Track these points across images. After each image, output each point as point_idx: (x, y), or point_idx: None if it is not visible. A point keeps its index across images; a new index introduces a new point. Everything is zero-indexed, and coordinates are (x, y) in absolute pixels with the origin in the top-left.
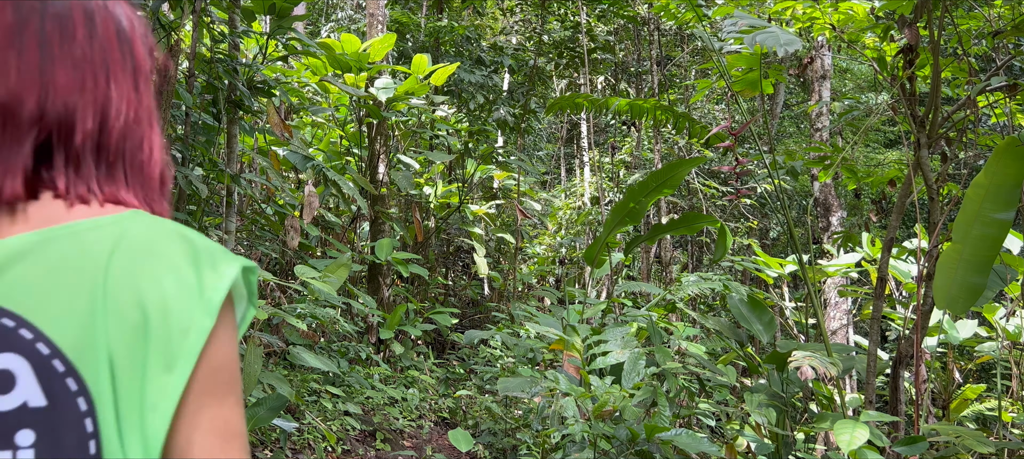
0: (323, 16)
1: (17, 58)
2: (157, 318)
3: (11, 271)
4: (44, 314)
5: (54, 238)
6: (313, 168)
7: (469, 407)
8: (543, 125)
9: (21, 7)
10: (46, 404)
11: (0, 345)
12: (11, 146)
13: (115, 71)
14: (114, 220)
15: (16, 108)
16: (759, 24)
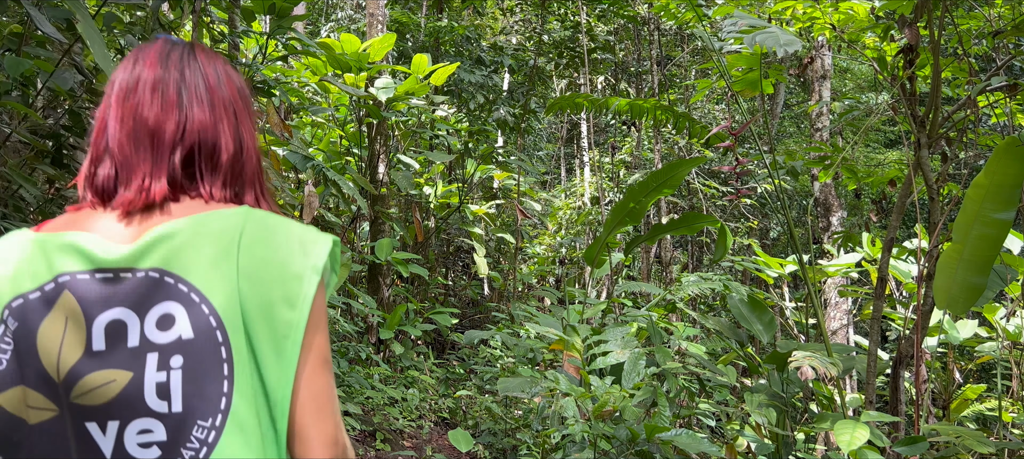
0: (323, 16)
1: (161, 98)
2: (277, 272)
3: (168, 243)
4: (194, 273)
5: (199, 221)
6: (313, 168)
7: (469, 407)
8: (543, 125)
9: (167, 64)
10: (193, 336)
11: (164, 296)
12: (158, 159)
13: (242, 115)
14: (241, 210)
15: (159, 132)
16: (759, 24)
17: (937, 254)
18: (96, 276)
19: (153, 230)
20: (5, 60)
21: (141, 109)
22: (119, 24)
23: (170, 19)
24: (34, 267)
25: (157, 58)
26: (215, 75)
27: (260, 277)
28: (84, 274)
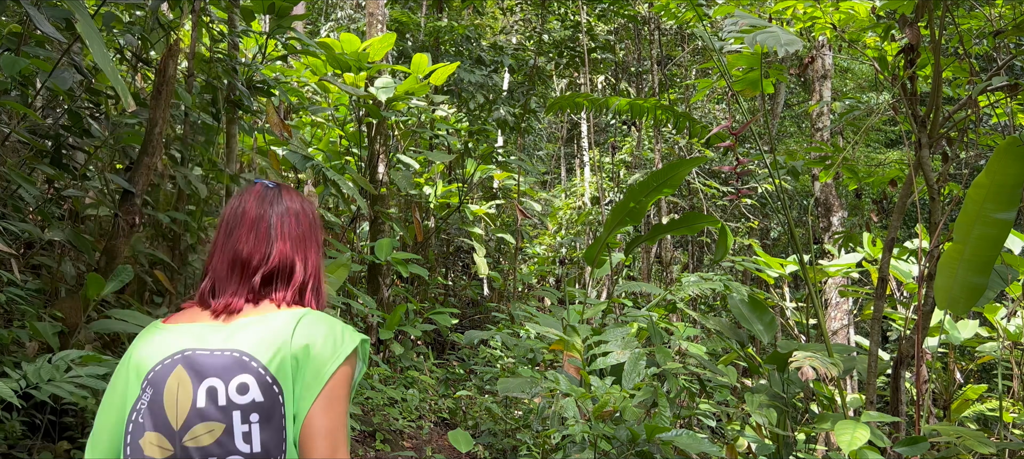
0: (323, 16)
1: (253, 236)
2: (314, 355)
3: (247, 331)
4: (262, 352)
5: (270, 318)
6: (313, 168)
7: (469, 407)
8: (543, 125)
9: (262, 207)
10: (263, 399)
11: (242, 370)
12: (243, 282)
13: (311, 244)
14: (300, 311)
15: (248, 261)
16: (760, 24)
17: (938, 254)
18: (198, 353)
19: (238, 323)
20: (3, 59)
21: (238, 244)
22: (118, 24)
23: (169, 19)
24: (163, 347)
25: (255, 201)
26: (296, 213)
27: (305, 356)
28: (191, 353)
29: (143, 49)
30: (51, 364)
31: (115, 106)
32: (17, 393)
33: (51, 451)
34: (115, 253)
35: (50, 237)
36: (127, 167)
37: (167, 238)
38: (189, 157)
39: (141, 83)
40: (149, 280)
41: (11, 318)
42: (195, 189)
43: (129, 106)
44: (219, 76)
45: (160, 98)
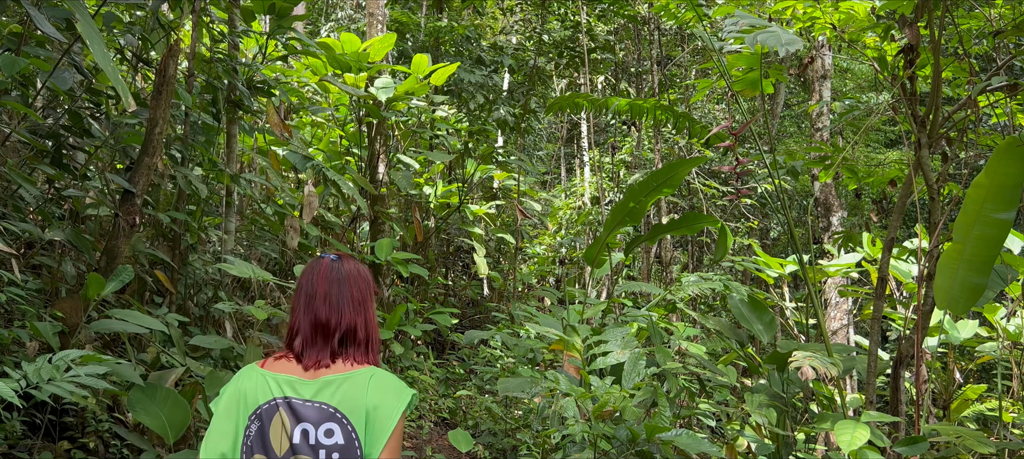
0: (323, 16)
1: (327, 306)
2: (383, 411)
3: (330, 388)
4: (344, 406)
5: (348, 376)
6: (313, 168)
7: (469, 407)
8: (543, 125)
9: (330, 280)
10: (343, 443)
11: (329, 419)
12: (324, 344)
13: (368, 304)
14: (370, 370)
15: (327, 325)
16: (760, 23)
17: (937, 254)
18: (295, 401)
19: (323, 379)
20: (2, 59)
21: (318, 312)
22: (119, 24)
23: (170, 19)
24: (267, 390)
25: (324, 275)
26: (354, 281)
27: (376, 410)
28: (290, 400)
29: (143, 49)
30: (51, 364)
31: (115, 106)
32: (18, 393)
33: (51, 451)
34: (115, 253)
35: (50, 237)
36: (127, 167)
37: (167, 238)
38: (189, 157)
39: (141, 83)
40: (149, 280)
41: (11, 318)
42: (195, 189)
43: (129, 106)
44: (219, 76)
45: (160, 98)
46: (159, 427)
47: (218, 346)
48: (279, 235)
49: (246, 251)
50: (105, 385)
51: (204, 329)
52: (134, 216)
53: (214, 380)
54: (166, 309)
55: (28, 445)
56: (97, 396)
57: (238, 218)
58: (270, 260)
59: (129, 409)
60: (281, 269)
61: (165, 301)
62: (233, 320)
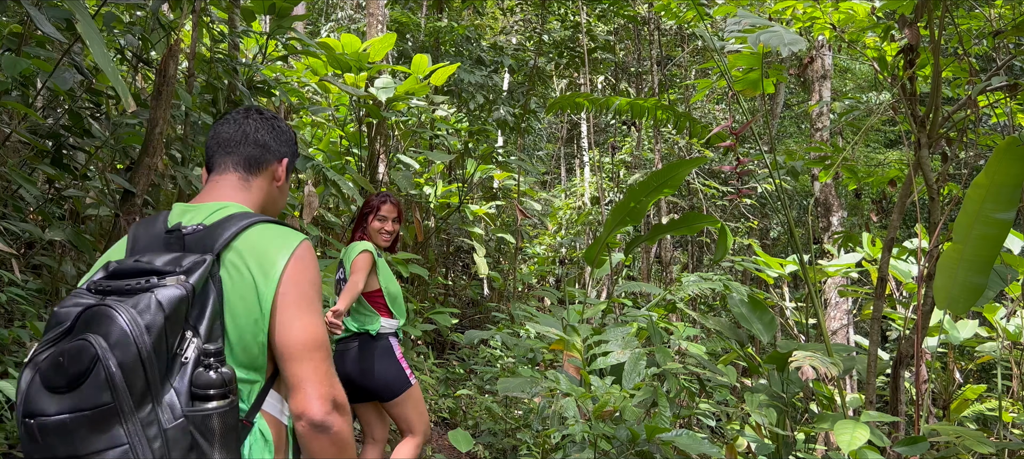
0: (323, 16)
1: None
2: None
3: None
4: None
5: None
6: (313, 168)
7: (469, 407)
8: (543, 125)
9: None
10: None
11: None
12: None
13: None
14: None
15: None
16: (762, 23)
17: (937, 254)
18: None
19: None
20: (3, 59)
21: None
22: (119, 24)
23: (170, 19)
24: None
25: None
26: None
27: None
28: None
29: (144, 49)
30: None
31: (116, 106)
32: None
33: None
34: None
35: (51, 237)
36: (128, 167)
37: None
38: (190, 157)
39: (142, 83)
40: None
41: (12, 318)
42: (195, 189)
43: (130, 106)
44: (220, 76)
45: (161, 98)
46: None
47: None
48: None
49: None
50: None
51: None
52: (134, 216)
53: None
54: None
55: None
56: None
57: None
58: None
59: None
60: None
61: None
62: None
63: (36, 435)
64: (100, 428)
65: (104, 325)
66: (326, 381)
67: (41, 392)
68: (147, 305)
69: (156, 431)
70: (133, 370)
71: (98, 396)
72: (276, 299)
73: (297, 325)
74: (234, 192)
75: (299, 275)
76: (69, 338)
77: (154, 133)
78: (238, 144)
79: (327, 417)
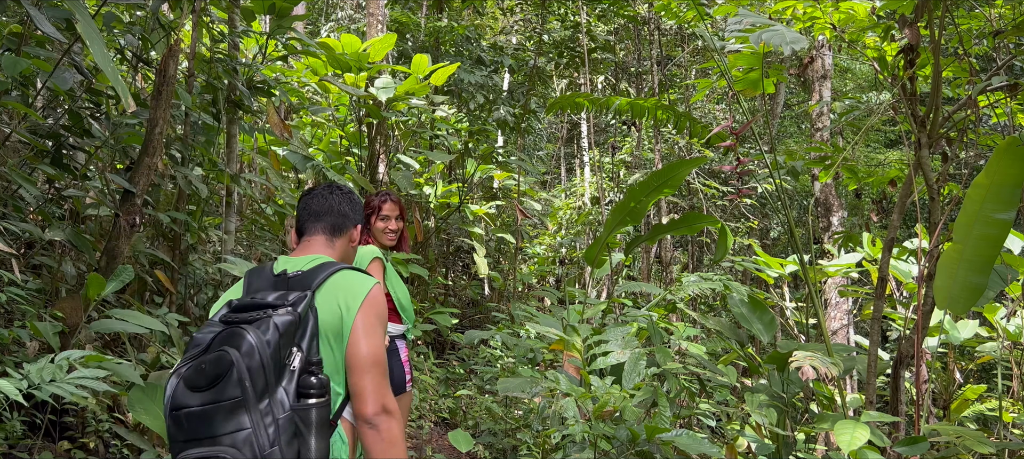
0: (323, 16)
1: None
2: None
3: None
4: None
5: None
6: (313, 168)
7: (469, 407)
8: (543, 125)
9: None
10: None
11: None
12: None
13: None
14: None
15: None
16: (764, 22)
17: (937, 254)
18: None
19: None
20: (4, 59)
21: None
22: (119, 24)
23: (170, 19)
24: None
25: None
26: None
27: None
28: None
29: (143, 49)
30: (53, 364)
31: (116, 106)
32: (20, 392)
33: (51, 451)
34: (116, 253)
35: (51, 237)
36: (128, 167)
37: (167, 238)
38: (189, 157)
39: (141, 83)
40: (149, 280)
41: (12, 318)
42: (195, 189)
43: (129, 106)
44: (219, 76)
45: (160, 98)
46: (159, 427)
47: None
48: (279, 235)
49: (246, 251)
50: (106, 387)
51: None
52: (134, 216)
53: None
54: (166, 309)
55: (28, 445)
56: (97, 396)
57: (238, 218)
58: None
59: (129, 409)
60: None
61: (165, 301)
62: None
63: (183, 422)
64: (232, 415)
65: (237, 341)
66: (380, 391)
67: (185, 392)
68: (267, 327)
69: (271, 419)
70: (257, 374)
71: (232, 391)
72: (354, 326)
73: (363, 345)
74: (322, 248)
75: (370, 309)
76: (211, 352)
77: (154, 133)
78: (325, 214)
79: (377, 418)
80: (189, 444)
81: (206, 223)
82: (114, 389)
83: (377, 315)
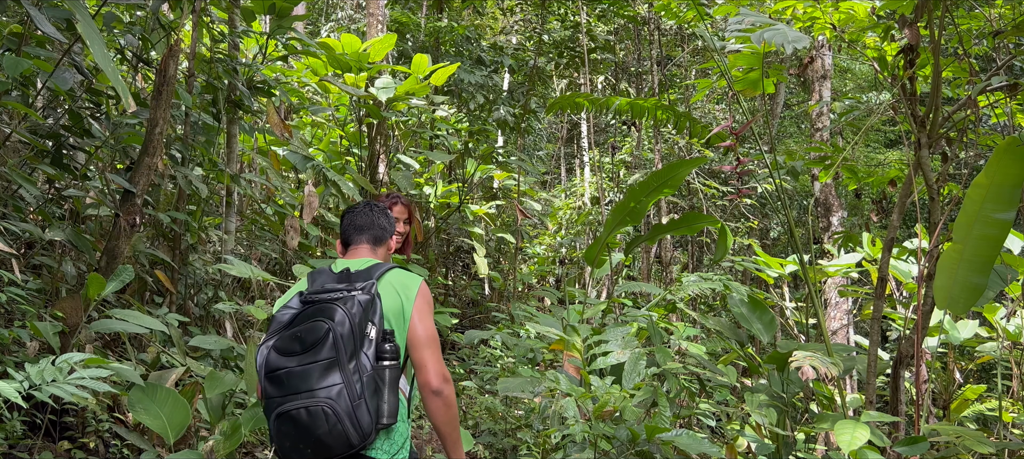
0: (323, 16)
1: None
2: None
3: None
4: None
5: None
6: (313, 168)
7: (469, 407)
8: (543, 125)
9: None
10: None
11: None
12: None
13: None
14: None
15: None
16: (765, 21)
17: (937, 254)
18: None
19: None
20: (4, 60)
21: None
22: (119, 24)
23: (170, 19)
24: None
25: None
26: None
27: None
28: None
29: (144, 49)
30: (55, 366)
31: (116, 106)
32: (20, 394)
33: (51, 451)
34: (116, 253)
35: (51, 237)
36: (128, 167)
37: (167, 238)
38: (190, 157)
39: (142, 83)
40: (149, 280)
41: (12, 318)
42: (195, 189)
43: (130, 106)
44: (220, 76)
45: (161, 98)
46: (159, 427)
47: (218, 346)
48: (279, 235)
49: (246, 251)
50: (107, 388)
51: (204, 329)
52: (134, 216)
53: (214, 380)
54: (166, 309)
55: (28, 445)
56: (97, 396)
57: (238, 218)
58: (270, 260)
59: (129, 409)
60: (282, 269)
61: (165, 301)
62: (233, 320)
63: (283, 380)
64: (327, 373)
65: (330, 313)
66: (439, 362)
67: (279, 357)
68: (352, 303)
69: (358, 377)
70: (347, 339)
71: (327, 353)
72: (413, 311)
73: (420, 327)
74: (368, 255)
75: (422, 299)
76: (302, 324)
77: (154, 133)
78: (368, 228)
79: (442, 386)
80: (287, 398)
81: (206, 223)
82: (114, 389)
83: (427, 303)
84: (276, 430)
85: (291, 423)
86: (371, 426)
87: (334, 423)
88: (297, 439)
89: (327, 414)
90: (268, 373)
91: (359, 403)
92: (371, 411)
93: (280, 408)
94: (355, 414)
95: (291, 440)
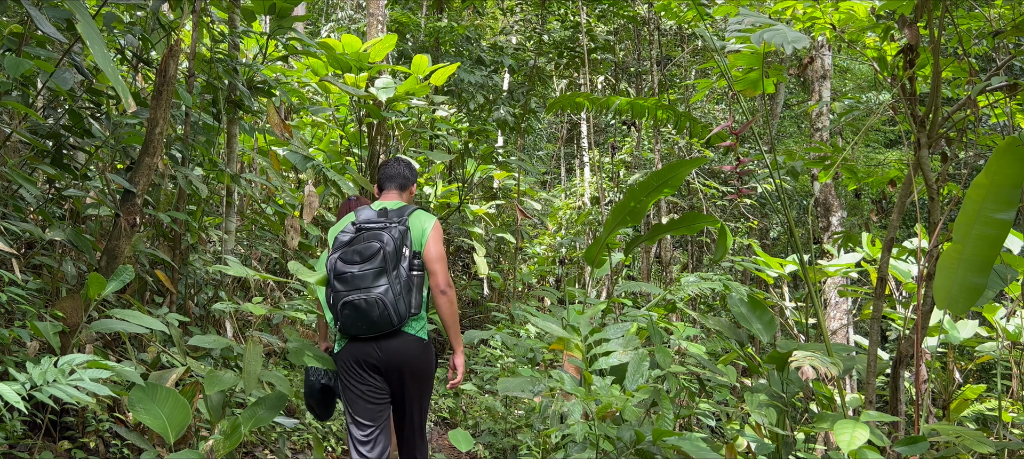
0: (323, 16)
1: None
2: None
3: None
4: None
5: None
6: (313, 168)
7: (469, 407)
8: (543, 125)
9: None
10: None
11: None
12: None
13: None
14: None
15: None
16: (765, 21)
17: (937, 254)
18: None
19: None
20: (5, 60)
21: None
22: (119, 24)
23: (170, 19)
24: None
25: None
26: None
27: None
28: None
29: (144, 49)
30: (56, 367)
31: (116, 106)
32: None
33: (51, 450)
34: (116, 253)
35: (51, 237)
36: (128, 167)
37: (168, 238)
38: (190, 157)
39: (142, 83)
40: (150, 280)
41: (12, 318)
42: (196, 189)
43: (130, 106)
44: (220, 76)
45: (161, 98)
46: (159, 427)
47: (218, 346)
48: (279, 235)
49: (246, 251)
50: (107, 391)
51: (204, 329)
52: (134, 216)
53: (214, 380)
54: (166, 309)
55: (28, 445)
56: (97, 396)
57: (238, 218)
58: (270, 260)
59: (129, 409)
60: (282, 269)
61: (165, 301)
62: (233, 320)
63: (348, 278)
64: (378, 277)
65: (380, 236)
66: (446, 273)
67: (344, 265)
68: (395, 231)
69: (398, 281)
70: (392, 254)
71: (379, 264)
72: (428, 239)
73: (433, 249)
74: (397, 197)
75: (436, 231)
76: (360, 243)
77: (154, 133)
78: (396, 177)
79: (447, 288)
80: (351, 292)
81: (206, 223)
82: (114, 389)
83: (438, 234)
84: (341, 313)
85: (353, 309)
86: (406, 312)
87: (382, 309)
88: (357, 319)
89: (378, 303)
90: (337, 275)
91: (399, 298)
92: (406, 303)
93: (346, 298)
94: (396, 304)
95: (352, 321)
